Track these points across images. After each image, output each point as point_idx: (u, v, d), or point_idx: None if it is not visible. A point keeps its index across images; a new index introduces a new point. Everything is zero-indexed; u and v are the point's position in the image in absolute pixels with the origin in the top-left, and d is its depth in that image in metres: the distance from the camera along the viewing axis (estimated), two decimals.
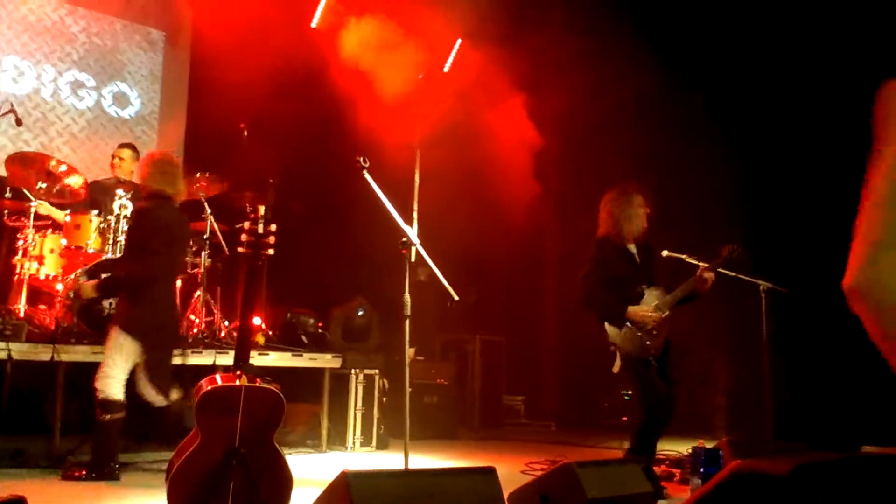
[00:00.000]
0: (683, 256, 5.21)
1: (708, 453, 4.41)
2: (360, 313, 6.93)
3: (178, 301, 6.20)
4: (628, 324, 4.86)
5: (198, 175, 6.18)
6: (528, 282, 9.83)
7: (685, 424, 7.47)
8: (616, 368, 4.94)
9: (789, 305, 5.59)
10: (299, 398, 6.62)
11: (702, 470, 4.36)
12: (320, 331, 6.80)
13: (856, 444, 6.60)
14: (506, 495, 3.59)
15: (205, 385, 3.09)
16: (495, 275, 9.04)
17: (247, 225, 3.12)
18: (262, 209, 3.15)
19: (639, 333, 4.85)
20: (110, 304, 5.36)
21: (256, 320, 6.58)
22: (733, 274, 5.06)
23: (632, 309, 4.86)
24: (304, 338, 6.65)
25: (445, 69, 8.90)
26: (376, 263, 6.53)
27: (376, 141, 6.85)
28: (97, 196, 6.12)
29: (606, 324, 4.96)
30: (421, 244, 4.90)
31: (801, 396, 6.53)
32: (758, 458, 2.65)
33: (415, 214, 7.44)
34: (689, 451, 4.78)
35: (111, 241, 5.69)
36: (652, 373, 4.84)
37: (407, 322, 4.37)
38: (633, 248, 5.09)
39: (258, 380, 3.13)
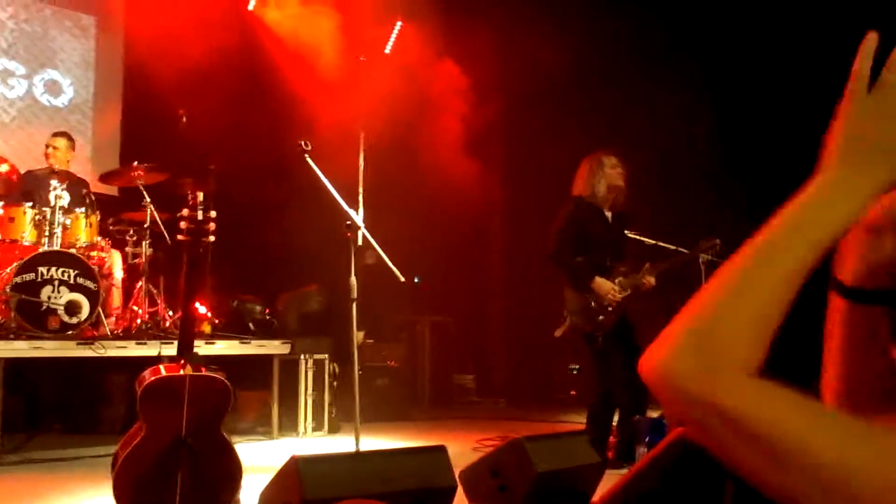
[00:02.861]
0: (645, 239, 5.22)
1: (652, 423, 4.51)
2: (306, 298, 6.90)
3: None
4: (589, 294, 4.79)
5: (136, 163, 6.05)
6: (475, 261, 9.88)
7: None
8: (558, 333, 4.93)
9: None
10: (249, 386, 6.57)
11: (647, 439, 4.46)
12: (267, 317, 6.75)
13: None
14: (457, 473, 3.64)
15: (148, 376, 3.05)
16: (443, 255, 9.06)
17: (185, 212, 3.07)
18: (200, 195, 3.10)
19: (593, 306, 4.82)
20: (48, 297, 5.25)
21: (202, 309, 6.50)
22: (673, 248, 5.15)
23: (598, 280, 4.79)
24: (251, 325, 6.61)
25: (387, 51, 8.86)
26: (322, 248, 6.49)
27: (319, 124, 6.81)
28: (31, 187, 5.97)
29: (567, 288, 4.92)
30: (367, 227, 4.90)
31: None
32: None
33: (360, 198, 7.44)
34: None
35: (47, 234, 5.55)
36: (608, 349, 4.80)
37: (354, 305, 4.38)
38: (608, 214, 5.05)
39: (203, 368, 3.10)
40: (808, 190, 0.84)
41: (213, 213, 3.13)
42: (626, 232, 5.17)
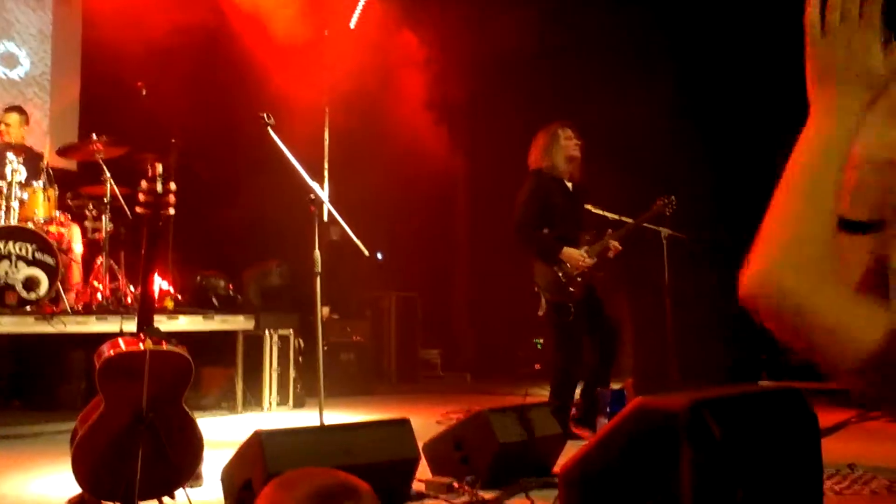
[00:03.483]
0: (599, 211, 5.26)
1: (614, 394, 4.57)
2: (270, 273, 6.85)
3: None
4: (558, 265, 4.82)
5: (94, 137, 5.93)
6: (441, 236, 9.89)
7: None
8: (542, 311, 4.94)
9: (689, 250, 5.79)
10: (213, 361, 6.53)
11: (608, 410, 4.52)
12: (231, 293, 6.70)
13: (754, 378, 6.95)
14: (421, 445, 3.67)
15: (106, 350, 3.01)
16: (409, 230, 9.05)
17: (144, 184, 3.02)
18: (159, 167, 3.05)
19: (562, 277, 4.83)
20: (6, 273, 5.16)
21: (165, 284, 6.43)
22: (634, 222, 5.19)
23: (566, 250, 4.82)
24: (214, 300, 6.55)
25: (352, 25, 8.76)
26: (286, 222, 6.45)
27: (284, 98, 6.73)
28: None
29: (537, 262, 4.93)
30: (332, 201, 4.87)
31: (703, 337, 6.81)
32: (660, 396, 2.76)
33: (325, 172, 7.40)
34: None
35: (4, 208, 5.44)
36: (572, 321, 4.83)
37: (318, 279, 4.36)
38: (568, 185, 5.07)
39: (163, 342, 3.07)
40: (812, 120, 1.01)
41: (172, 186, 3.08)
42: (587, 206, 5.21)
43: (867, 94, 1.00)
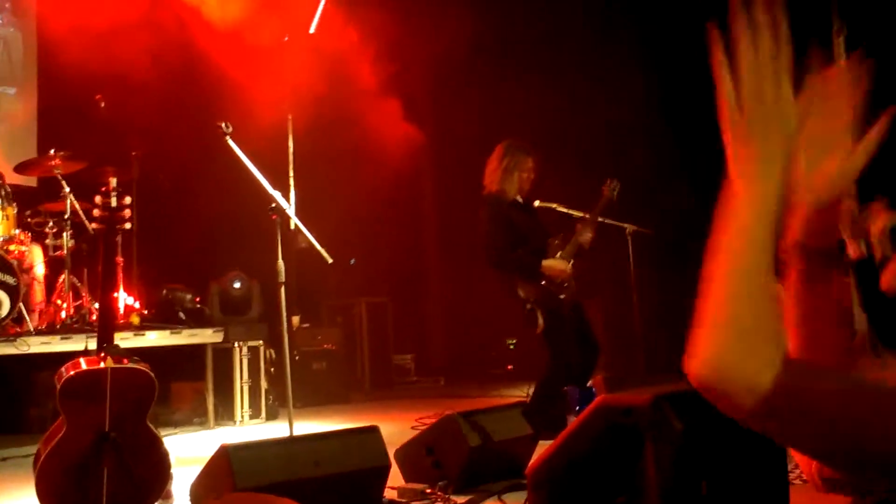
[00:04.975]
0: (554, 205, 5.29)
1: (582, 393, 4.58)
2: (237, 285, 6.77)
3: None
4: (542, 278, 4.90)
5: (53, 152, 5.84)
6: (410, 241, 9.86)
7: None
8: (540, 328, 4.98)
9: (654, 246, 5.83)
10: (182, 376, 6.46)
11: (577, 408, 4.52)
12: (198, 306, 6.63)
13: None
14: (394, 452, 3.64)
15: (66, 370, 2.96)
16: (378, 236, 9.02)
17: (99, 199, 2.97)
18: (113, 181, 3.01)
19: (550, 287, 4.91)
20: None
21: (130, 300, 6.35)
22: (600, 219, 5.22)
23: (546, 262, 4.91)
24: (181, 314, 6.47)
25: (311, 30, 8.71)
26: (251, 232, 6.39)
27: (245, 106, 6.67)
28: None
29: (521, 281, 4.98)
30: (299, 210, 4.83)
31: (670, 332, 6.83)
32: (625, 392, 2.77)
33: (291, 180, 7.35)
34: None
35: None
36: (567, 328, 4.93)
37: (282, 289, 4.33)
38: (520, 200, 5.16)
39: (125, 360, 3.02)
40: (735, 176, 0.96)
41: (128, 200, 3.04)
42: (535, 203, 5.26)
43: (786, 143, 0.96)
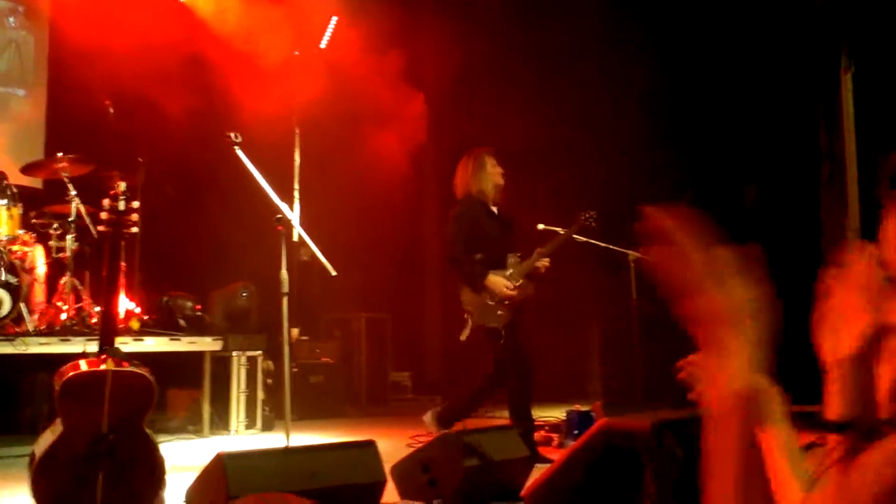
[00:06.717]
0: (558, 229, 5.33)
1: (581, 416, 4.57)
2: (244, 295, 6.78)
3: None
4: (484, 292, 4.96)
5: (60, 155, 5.87)
6: (411, 257, 9.87)
7: (563, 391, 7.70)
8: (464, 336, 5.07)
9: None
10: (180, 383, 6.45)
11: (575, 432, 4.52)
12: (199, 313, 6.62)
13: None
14: (390, 468, 3.63)
15: (67, 371, 2.96)
16: (379, 251, 9.02)
17: (107, 202, 2.99)
18: (121, 185, 3.02)
19: (490, 302, 4.96)
20: None
21: (130, 305, 6.35)
22: (604, 244, 5.24)
23: (491, 278, 4.95)
24: (181, 321, 6.47)
25: (322, 45, 8.77)
26: (254, 242, 6.40)
27: (253, 118, 6.70)
28: None
29: (463, 289, 5.07)
30: (303, 222, 4.85)
31: (670, 358, 6.82)
32: (624, 417, 2.77)
33: (296, 193, 7.38)
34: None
35: None
36: (504, 343, 4.99)
37: (285, 300, 4.33)
38: (494, 209, 5.22)
39: (125, 363, 3.02)
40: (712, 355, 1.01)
41: (135, 204, 3.05)
42: (539, 226, 5.33)
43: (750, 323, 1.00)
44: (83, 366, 3.00)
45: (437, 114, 9.20)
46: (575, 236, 5.22)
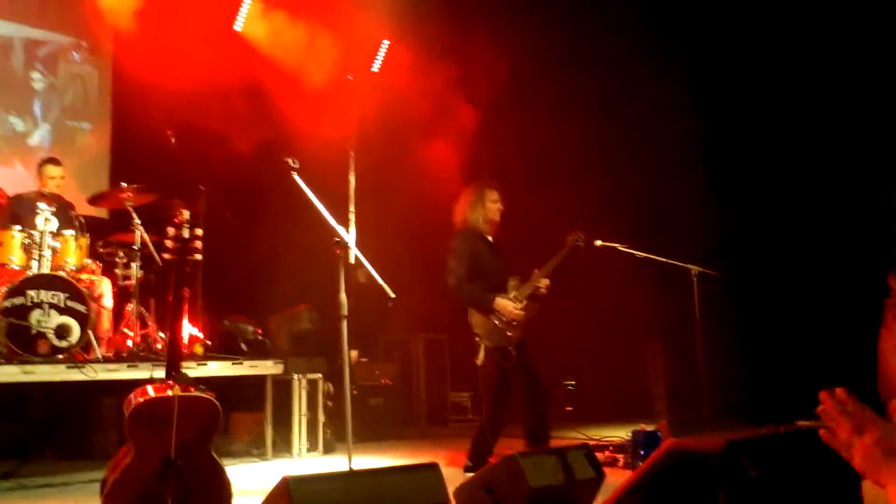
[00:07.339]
0: (617, 245, 5.32)
1: (647, 436, 4.48)
2: (308, 318, 6.85)
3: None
4: (493, 314, 5.06)
5: (124, 185, 6.03)
6: None
7: (627, 411, 7.57)
8: (479, 360, 5.08)
9: (721, 288, 5.72)
10: (242, 407, 6.52)
11: (642, 452, 4.42)
12: (260, 337, 6.70)
13: (791, 418, 6.79)
14: (453, 490, 3.60)
15: (135, 397, 3.01)
16: (434, 272, 9.02)
17: (171, 230, 3.05)
18: (186, 213, 3.08)
19: (499, 324, 5.05)
20: (38, 321, 5.20)
21: (194, 330, 6.46)
22: (664, 259, 5.16)
23: (499, 300, 5.08)
24: (243, 345, 6.55)
25: (374, 69, 8.87)
26: (313, 266, 6.46)
27: (309, 143, 6.80)
28: (19, 211, 5.93)
29: (472, 314, 5.16)
30: (359, 245, 4.88)
31: (737, 375, 6.67)
32: (693, 437, 2.70)
33: (351, 216, 7.44)
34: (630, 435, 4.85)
35: (36, 257, 5.51)
36: (511, 365, 5.06)
37: (344, 322, 4.34)
38: (490, 239, 5.40)
39: (191, 388, 3.07)
40: None
41: (199, 232, 3.11)
42: (597, 242, 5.44)
43: None
44: (151, 392, 3.05)
45: (493, 134, 9.20)
46: (635, 252, 5.18)
